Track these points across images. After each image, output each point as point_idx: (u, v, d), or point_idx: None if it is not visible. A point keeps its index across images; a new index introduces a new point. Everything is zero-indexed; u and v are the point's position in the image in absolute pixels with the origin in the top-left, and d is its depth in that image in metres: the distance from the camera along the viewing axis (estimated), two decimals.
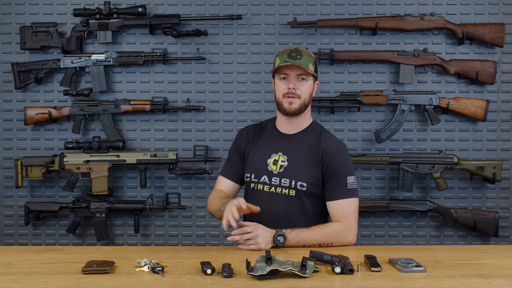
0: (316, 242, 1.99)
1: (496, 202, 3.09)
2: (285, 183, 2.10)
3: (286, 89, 2.09)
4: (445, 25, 2.99)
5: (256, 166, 2.17)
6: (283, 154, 2.14)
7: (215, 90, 3.10)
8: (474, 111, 2.97)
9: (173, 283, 1.55)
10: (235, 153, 2.27)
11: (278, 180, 2.11)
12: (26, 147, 3.11)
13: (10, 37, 3.09)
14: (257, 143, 2.22)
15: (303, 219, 2.10)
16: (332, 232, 2.02)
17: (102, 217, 2.99)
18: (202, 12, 3.07)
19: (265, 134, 2.23)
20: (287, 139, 2.17)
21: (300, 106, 2.10)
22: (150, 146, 3.10)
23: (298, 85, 2.09)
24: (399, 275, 1.61)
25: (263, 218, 2.05)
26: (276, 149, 2.16)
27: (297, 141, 2.15)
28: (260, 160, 2.16)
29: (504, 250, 2.02)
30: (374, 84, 3.08)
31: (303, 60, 2.07)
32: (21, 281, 1.57)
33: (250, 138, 2.25)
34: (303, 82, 2.09)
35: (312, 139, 2.15)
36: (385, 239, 3.11)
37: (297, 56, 2.06)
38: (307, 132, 2.17)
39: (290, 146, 2.15)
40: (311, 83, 2.12)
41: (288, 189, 2.10)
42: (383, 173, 3.10)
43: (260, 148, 2.20)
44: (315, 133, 2.17)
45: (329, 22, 2.99)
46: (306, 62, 2.07)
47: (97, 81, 3.02)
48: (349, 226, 2.04)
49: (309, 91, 2.11)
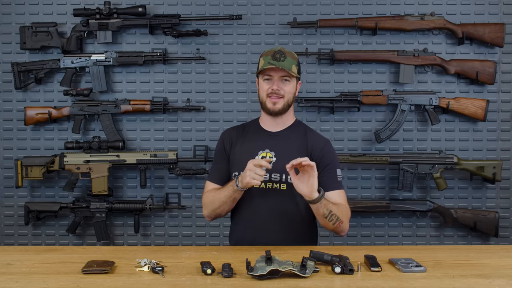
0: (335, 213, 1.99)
1: (496, 202, 3.09)
2: (275, 178, 2.11)
3: (270, 90, 2.13)
4: (445, 25, 2.99)
5: (244, 164, 2.14)
6: (270, 150, 2.15)
7: (215, 90, 3.10)
8: (474, 111, 2.98)
9: (173, 283, 1.55)
10: (220, 156, 2.25)
11: (268, 176, 2.11)
12: (26, 147, 3.11)
13: (10, 37, 3.09)
14: (242, 142, 2.22)
15: (296, 213, 2.11)
16: (346, 211, 2.06)
17: (102, 217, 2.99)
18: (202, 12, 3.07)
19: (249, 133, 2.24)
20: (272, 136, 2.19)
21: (283, 106, 2.14)
22: (150, 146, 3.10)
23: (282, 86, 2.12)
24: (399, 275, 1.61)
25: (256, 214, 2.10)
26: (262, 146, 2.17)
27: (283, 138, 2.18)
28: (247, 158, 2.13)
29: (504, 250, 2.02)
30: (374, 84, 3.08)
31: (287, 62, 2.10)
32: (21, 281, 1.57)
33: (233, 139, 2.25)
34: (286, 83, 2.13)
35: (298, 136, 2.18)
36: (385, 239, 3.11)
37: (280, 58, 2.09)
38: (292, 129, 2.20)
39: (277, 143, 2.16)
40: (294, 84, 2.16)
41: (279, 183, 2.11)
42: (383, 173, 3.10)
43: (245, 146, 2.20)
44: (300, 130, 2.21)
45: (329, 22, 2.99)
46: (290, 64, 2.11)
47: (97, 81, 3.02)
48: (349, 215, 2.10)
49: (292, 91, 2.16)
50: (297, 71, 2.16)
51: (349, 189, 3.07)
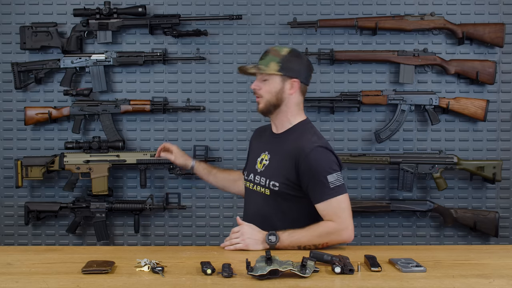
0: (311, 243, 1.94)
1: (496, 202, 3.09)
2: (262, 182, 2.10)
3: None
4: (445, 25, 2.98)
5: (250, 164, 2.22)
6: (268, 153, 2.14)
7: (215, 90, 3.10)
8: (474, 111, 2.97)
9: (173, 283, 1.55)
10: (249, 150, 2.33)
11: (259, 179, 2.12)
12: (26, 147, 3.10)
13: (10, 37, 3.09)
14: (258, 141, 2.27)
15: (279, 219, 2.06)
16: (326, 232, 1.95)
17: (102, 217, 2.99)
18: (202, 12, 3.07)
19: (265, 133, 2.26)
20: (274, 138, 2.17)
21: (265, 105, 2.09)
22: (150, 146, 3.10)
23: (261, 85, 2.10)
24: (399, 275, 1.61)
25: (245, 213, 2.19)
26: (264, 148, 2.18)
27: (281, 141, 2.12)
28: (253, 158, 2.20)
29: (504, 250, 2.02)
30: (374, 84, 3.08)
31: (264, 60, 2.07)
32: (21, 281, 1.57)
33: (258, 136, 2.31)
34: (265, 82, 2.09)
35: (293, 138, 2.09)
36: (385, 239, 3.11)
37: (262, 57, 2.10)
38: (291, 131, 2.12)
39: (275, 146, 2.13)
40: (274, 83, 2.07)
41: (264, 188, 2.10)
42: (383, 173, 3.10)
43: (255, 146, 2.25)
44: (297, 132, 2.10)
45: (329, 22, 2.99)
46: (267, 62, 2.06)
47: (97, 81, 3.02)
48: (342, 224, 1.97)
49: (272, 91, 2.07)
50: (281, 68, 2.04)
51: (349, 189, 3.01)
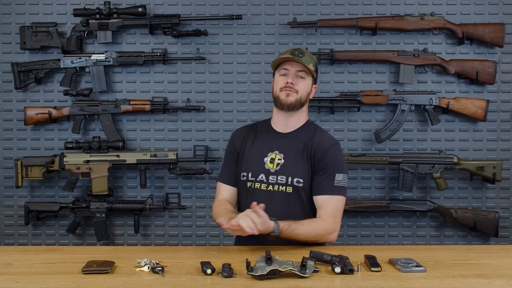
0: (305, 236, 1.97)
1: (496, 202, 3.09)
2: (281, 180, 2.11)
3: (284, 84, 2.12)
4: (445, 25, 2.98)
5: (253, 164, 2.17)
6: (279, 152, 2.15)
7: (215, 90, 3.10)
8: (474, 111, 2.97)
9: (173, 283, 1.55)
10: (231, 156, 2.26)
11: (275, 178, 2.12)
12: (26, 147, 3.11)
13: (10, 37, 3.09)
14: (253, 142, 2.22)
15: (302, 216, 2.09)
16: (322, 229, 1.99)
17: (102, 217, 2.99)
18: (202, 12, 3.07)
19: (260, 134, 2.23)
20: (282, 137, 2.18)
21: (296, 101, 2.12)
22: (150, 146, 3.10)
23: (297, 81, 2.12)
24: (399, 275, 1.61)
25: None
26: (272, 147, 2.17)
27: (292, 139, 2.16)
28: (256, 158, 2.17)
29: (504, 250, 2.02)
30: (374, 84, 3.08)
31: (304, 59, 2.12)
32: (21, 281, 1.57)
33: (244, 137, 2.25)
34: (301, 79, 2.13)
35: (307, 136, 2.16)
36: (385, 239, 3.11)
37: (299, 55, 2.11)
38: (302, 130, 2.18)
39: (286, 145, 2.16)
40: (309, 83, 2.16)
41: (285, 186, 2.10)
42: (383, 173, 3.10)
43: (256, 147, 2.20)
44: (309, 130, 2.18)
45: (329, 22, 2.99)
46: (307, 61, 2.12)
47: (97, 81, 3.02)
48: (334, 226, 2.02)
49: (306, 90, 2.15)
50: (314, 71, 2.16)
51: (349, 189, 3.03)
